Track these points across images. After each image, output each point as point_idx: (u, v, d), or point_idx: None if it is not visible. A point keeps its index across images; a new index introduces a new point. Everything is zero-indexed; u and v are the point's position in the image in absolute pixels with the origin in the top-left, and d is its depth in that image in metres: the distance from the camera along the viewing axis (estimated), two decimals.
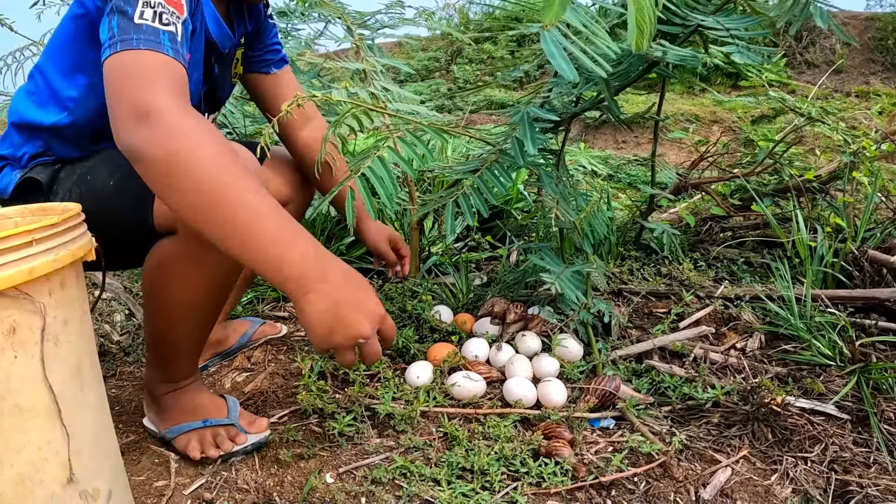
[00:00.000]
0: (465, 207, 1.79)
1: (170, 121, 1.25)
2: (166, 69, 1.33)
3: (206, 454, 1.68)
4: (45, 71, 1.65)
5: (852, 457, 1.65)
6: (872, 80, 8.43)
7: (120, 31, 1.33)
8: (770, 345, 2.14)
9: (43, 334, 1.07)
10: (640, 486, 1.56)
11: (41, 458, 1.08)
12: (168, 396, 1.77)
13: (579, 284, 2.00)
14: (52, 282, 1.08)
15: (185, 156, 1.24)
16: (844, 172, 2.87)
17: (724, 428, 1.77)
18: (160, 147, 1.24)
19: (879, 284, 2.32)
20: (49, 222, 1.07)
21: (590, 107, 1.98)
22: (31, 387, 1.06)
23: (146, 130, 1.24)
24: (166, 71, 1.33)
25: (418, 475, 1.56)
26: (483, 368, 1.97)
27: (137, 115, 1.25)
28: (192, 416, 1.75)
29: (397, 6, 2.64)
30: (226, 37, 1.76)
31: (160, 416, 1.78)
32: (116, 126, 1.28)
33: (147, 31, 1.33)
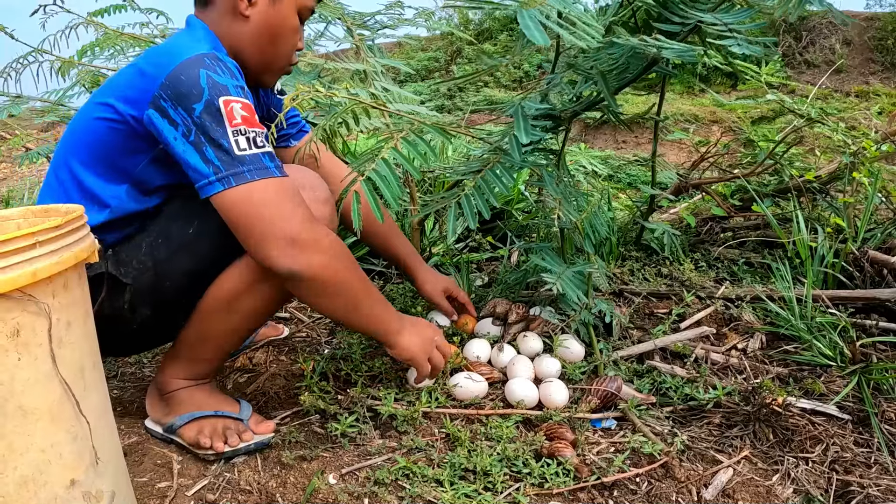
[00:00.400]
0: (467, 208, 1.79)
1: (319, 241, 1.56)
2: (285, 191, 1.55)
3: (214, 446, 1.69)
4: (76, 172, 1.68)
5: (853, 457, 1.66)
6: (872, 79, 8.44)
7: (225, 165, 1.50)
8: (771, 345, 2.15)
9: (50, 334, 1.07)
10: (641, 486, 1.57)
11: (45, 460, 1.09)
12: (184, 391, 1.79)
13: (580, 285, 2.00)
14: (56, 284, 1.08)
15: (337, 276, 1.60)
16: (845, 173, 2.87)
17: (725, 428, 1.77)
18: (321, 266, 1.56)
19: (880, 285, 2.32)
20: (52, 224, 1.07)
21: (589, 106, 1.98)
22: (34, 388, 1.06)
23: (302, 257, 1.54)
24: (286, 193, 1.55)
25: (421, 476, 1.57)
26: (485, 369, 1.97)
27: (288, 243, 1.52)
28: (205, 406, 1.78)
29: (397, 6, 2.64)
30: None
31: (169, 409, 1.80)
32: (270, 253, 1.53)
33: (252, 161, 1.52)
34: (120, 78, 1.67)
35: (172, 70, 1.52)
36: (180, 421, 1.75)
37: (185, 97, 1.49)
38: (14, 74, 2.68)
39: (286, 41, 1.78)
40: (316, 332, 2.47)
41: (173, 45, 1.61)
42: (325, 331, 2.47)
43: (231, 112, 1.51)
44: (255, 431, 1.75)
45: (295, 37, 1.79)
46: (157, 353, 2.35)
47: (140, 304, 1.67)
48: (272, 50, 1.77)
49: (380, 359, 2.02)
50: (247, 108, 1.54)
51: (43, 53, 2.68)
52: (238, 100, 1.53)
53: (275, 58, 1.79)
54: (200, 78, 1.50)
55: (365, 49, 2.44)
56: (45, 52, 2.68)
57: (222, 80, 1.53)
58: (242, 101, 1.54)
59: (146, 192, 1.68)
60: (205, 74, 1.51)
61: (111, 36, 2.73)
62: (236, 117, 1.51)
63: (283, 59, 1.80)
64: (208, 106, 1.50)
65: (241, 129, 1.52)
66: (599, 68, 1.88)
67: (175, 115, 1.51)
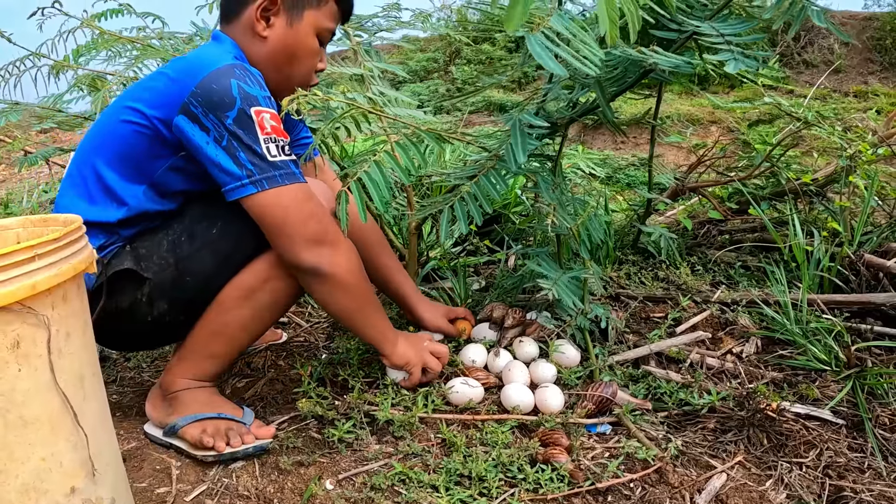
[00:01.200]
0: (461, 213, 1.80)
1: (341, 244, 1.73)
2: (310, 196, 1.69)
3: (216, 446, 1.71)
4: (98, 169, 1.76)
5: (847, 462, 1.67)
6: (871, 79, 8.44)
7: (258, 170, 1.62)
8: (766, 349, 2.16)
9: (49, 346, 1.08)
10: (635, 491, 1.58)
11: (45, 469, 1.10)
12: (187, 392, 1.82)
13: (576, 290, 2.01)
14: (55, 295, 1.10)
15: (352, 277, 1.75)
16: (841, 176, 2.87)
17: (719, 433, 1.79)
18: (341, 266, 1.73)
19: (876, 289, 2.33)
20: (51, 237, 1.08)
21: (584, 112, 1.99)
22: (35, 399, 1.08)
23: (326, 254, 1.70)
24: (311, 197, 1.69)
25: (417, 481, 1.58)
26: (481, 374, 1.98)
27: (316, 242, 1.68)
28: (208, 409, 1.81)
29: (394, 9, 2.65)
30: None
31: (172, 409, 1.82)
32: (297, 251, 1.69)
33: (282, 167, 1.65)
34: (148, 83, 1.75)
35: (204, 78, 1.61)
36: (183, 421, 1.77)
37: (218, 105, 1.59)
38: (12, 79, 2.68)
39: (304, 62, 1.86)
40: (314, 336, 2.48)
41: (203, 55, 1.70)
42: (322, 336, 2.49)
43: (262, 121, 1.62)
44: (257, 435, 1.77)
45: (314, 58, 1.87)
46: (155, 358, 2.36)
47: (158, 297, 1.74)
48: (289, 70, 1.85)
49: (377, 364, 2.03)
50: (275, 119, 1.65)
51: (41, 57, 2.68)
52: (267, 110, 1.64)
53: (292, 77, 1.85)
54: (232, 87, 1.60)
55: (362, 53, 2.44)
56: (42, 55, 2.68)
57: (253, 91, 1.62)
58: (271, 112, 1.65)
59: (164, 195, 1.76)
60: (236, 84, 1.60)
61: (108, 39, 2.74)
62: (266, 126, 1.63)
63: (301, 79, 1.86)
64: (241, 114, 1.60)
65: (272, 137, 1.63)
66: (596, 76, 1.89)
67: (206, 121, 1.60)
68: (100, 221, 1.74)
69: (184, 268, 1.73)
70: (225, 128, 1.60)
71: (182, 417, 1.78)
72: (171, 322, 1.79)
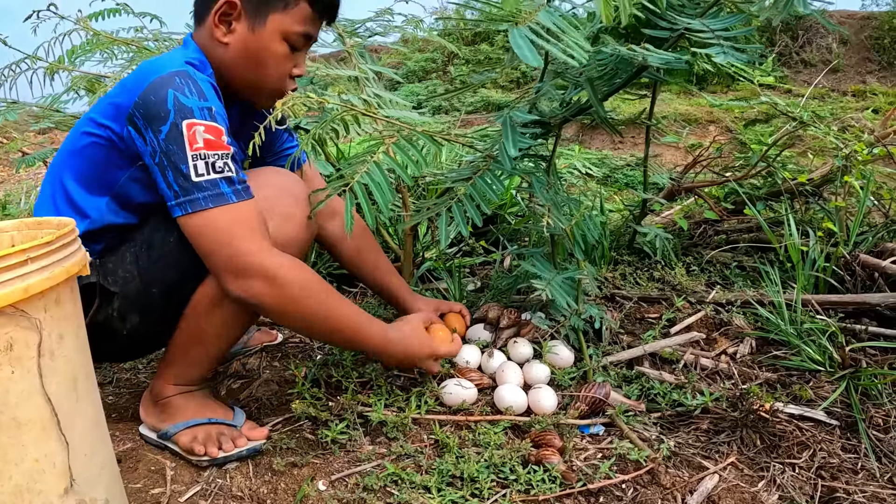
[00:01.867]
0: (459, 215, 1.80)
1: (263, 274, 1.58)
2: (238, 220, 1.58)
3: (208, 452, 1.71)
4: (64, 182, 1.74)
5: (840, 463, 1.67)
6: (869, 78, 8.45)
7: (183, 191, 1.55)
8: (760, 350, 2.16)
9: (39, 349, 1.09)
10: (627, 492, 1.58)
11: (39, 470, 1.10)
12: (178, 397, 1.82)
13: (570, 290, 2.01)
14: (48, 298, 1.10)
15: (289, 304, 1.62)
16: (837, 176, 2.88)
17: (712, 434, 1.79)
18: (265, 298, 1.60)
19: (871, 289, 2.33)
20: (44, 240, 1.09)
21: (578, 112, 1.99)
22: (28, 401, 1.08)
23: (248, 287, 1.58)
24: (239, 221, 1.58)
25: (409, 482, 1.59)
26: (474, 375, 1.98)
27: (236, 273, 1.58)
28: (198, 414, 1.81)
29: (386, 14, 2.66)
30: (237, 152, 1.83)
31: (164, 415, 1.82)
32: (223, 281, 1.60)
33: (207, 187, 1.55)
34: (110, 92, 1.71)
35: (145, 88, 1.56)
36: (174, 429, 1.77)
37: (154, 118, 1.54)
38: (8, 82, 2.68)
39: (272, 69, 1.77)
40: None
41: (155, 62, 1.64)
42: None
43: (193, 136, 1.54)
44: (249, 437, 1.77)
45: (284, 64, 1.78)
46: (151, 359, 2.36)
47: (128, 311, 1.71)
48: (255, 76, 1.78)
49: (370, 365, 2.04)
50: (211, 131, 1.56)
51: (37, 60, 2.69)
52: (202, 122, 1.55)
53: (261, 84, 1.80)
54: (168, 99, 1.54)
55: (356, 56, 2.45)
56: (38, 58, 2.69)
57: (188, 102, 1.55)
58: (206, 124, 1.56)
59: (125, 207, 1.72)
60: (172, 95, 1.54)
61: (102, 41, 2.74)
62: (198, 141, 1.54)
63: (273, 86, 1.80)
64: (172, 129, 1.53)
65: (202, 153, 1.54)
66: (588, 75, 1.90)
67: (146, 133, 1.56)
68: None
69: (148, 279, 1.70)
70: (158, 143, 1.54)
71: (173, 425, 1.78)
72: (147, 333, 1.78)
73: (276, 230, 1.71)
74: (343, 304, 1.73)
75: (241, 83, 1.79)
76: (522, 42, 1.35)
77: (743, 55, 1.56)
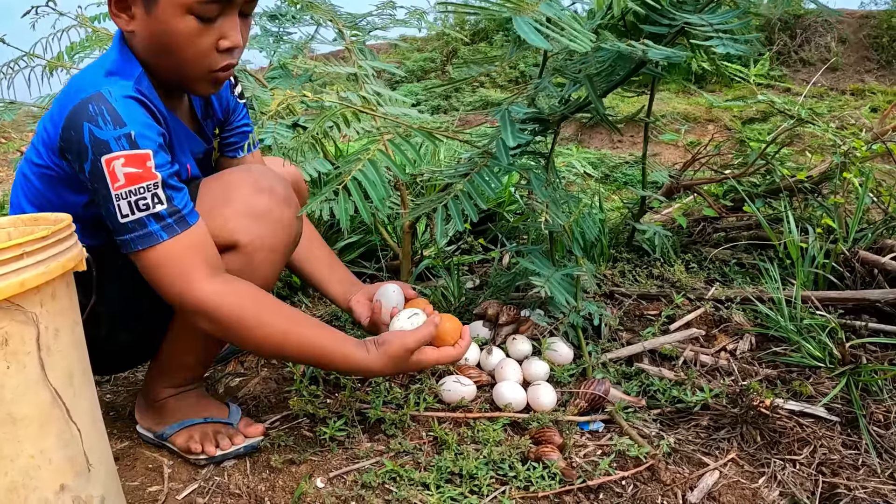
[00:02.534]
0: (455, 212, 1.80)
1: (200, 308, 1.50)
2: (165, 257, 1.49)
3: (205, 451, 1.71)
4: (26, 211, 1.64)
5: (841, 459, 1.66)
6: (867, 77, 8.45)
7: (116, 231, 1.47)
8: (760, 347, 2.15)
9: (38, 343, 1.08)
10: (627, 489, 1.58)
11: (34, 466, 1.10)
12: (171, 399, 1.81)
13: (569, 287, 2.01)
14: (44, 293, 1.10)
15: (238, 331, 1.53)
16: (836, 173, 2.87)
17: (712, 431, 1.78)
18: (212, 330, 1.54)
19: (871, 285, 2.33)
20: (40, 235, 1.08)
21: (577, 109, 1.99)
22: (23, 396, 1.08)
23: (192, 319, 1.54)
24: (166, 260, 1.49)
25: (407, 479, 1.58)
26: (473, 372, 1.98)
27: (182, 307, 1.52)
28: (194, 414, 1.80)
29: (389, 7, 2.65)
30: (196, 144, 1.78)
31: (159, 417, 1.81)
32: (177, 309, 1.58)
33: (134, 227, 1.46)
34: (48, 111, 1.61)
35: (64, 121, 1.46)
36: (170, 430, 1.77)
37: (77, 156, 1.45)
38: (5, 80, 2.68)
39: (185, 48, 1.53)
40: None
41: (77, 80, 1.55)
42: None
43: (113, 173, 1.43)
44: (246, 434, 1.76)
45: (199, 40, 1.53)
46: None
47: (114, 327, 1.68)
48: (172, 60, 1.56)
49: None
50: (132, 161, 1.44)
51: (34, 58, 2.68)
52: (119, 155, 1.43)
53: (182, 67, 1.58)
54: (84, 134, 1.42)
55: (357, 52, 2.44)
56: (36, 56, 2.68)
57: (103, 135, 1.42)
58: (125, 155, 1.43)
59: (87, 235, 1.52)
60: (87, 129, 1.42)
61: (102, 37, 2.74)
62: (119, 178, 1.43)
63: (195, 66, 1.58)
64: (93, 167, 1.43)
65: (123, 192, 1.43)
66: (587, 72, 1.89)
67: (76, 168, 1.48)
68: None
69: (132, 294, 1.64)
70: (87, 179, 1.45)
71: (169, 426, 1.78)
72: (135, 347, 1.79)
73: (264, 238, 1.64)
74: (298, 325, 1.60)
75: (164, 73, 1.61)
76: (527, 28, 1.34)
77: (742, 46, 1.56)
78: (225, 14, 1.53)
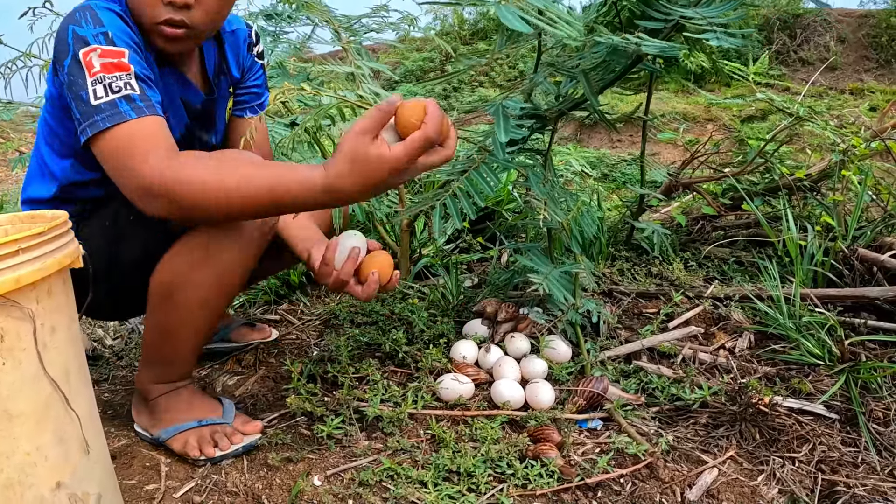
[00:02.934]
0: (453, 209, 1.79)
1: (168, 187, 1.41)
2: (136, 135, 1.46)
3: (204, 453, 1.70)
4: (40, 149, 1.78)
5: (840, 457, 1.66)
6: (866, 76, 8.46)
7: (84, 116, 1.47)
8: (759, 344, 2.15)
9: (36, 338, 1.08)
10: (626, 487, 1.57)
11: (30, 463, 1.10)
12: (162, 398, 1.79)
13: (567, 285, 2.00)
14: (40, 289, 1.09)
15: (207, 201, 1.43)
16: (835, 171, 2.87)
17: (711, 428, 1.78)
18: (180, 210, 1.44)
19: (870, 283, 2.33)
20: (35, 231, 1.08)
21: (574, 105, 1.98)
22: (19, 393, 1.07)
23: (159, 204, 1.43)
24: (138, 136, 1.46)
25: (405, 477, 1.58)
26: (471, 370, 1.98)
27: (143, 193, 1.44)
28: (187, 416, 1.78)
29: (382, 10, 2.65)
30: (193, 94, 1.80)
31: (153, 418, 1.80)
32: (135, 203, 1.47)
33: (106, 108, 1.46)
34: None
35: (56, 33, 1.54)
36: (166, 434, 1.76)
37: (60, 57, 1.51)
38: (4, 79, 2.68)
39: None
40: (306, 334, 2.48)
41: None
42: (314, 333, 2.48)
43: (89, 62, 1.48)
44: (244, 432, 1.76)
45: None
46: None
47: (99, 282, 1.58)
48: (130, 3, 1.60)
49: (367, 360, 2.03)
50: (108, 54, 1.49)
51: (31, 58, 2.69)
52: (96, 47, 1.49)
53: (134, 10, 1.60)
54: (68, 34, 1.50)
55: (353, 52, 2.44)
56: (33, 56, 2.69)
57: (83, 32, 1.49)
58: (102, 48, 1.49)
59: (87, 166, 1.70)
60: (71, 30, 1.50)
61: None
62: (95, 65, 1.48)
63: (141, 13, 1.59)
64: (72, 61, 1.49)
65: (99, 76, 1.47)
66: (582, 67, 1.89)
67: (60, 74, 1.53)
68: (37, 198, 1.76)
69: (112, 254, 1.68)
70: (65, 78, 1.50)
71: (164, 430, 1.77)
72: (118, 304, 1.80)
73: None
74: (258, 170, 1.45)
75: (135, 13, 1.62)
76: (510, 15, 1.35)
77: (736, 40, 1.55)
78: None
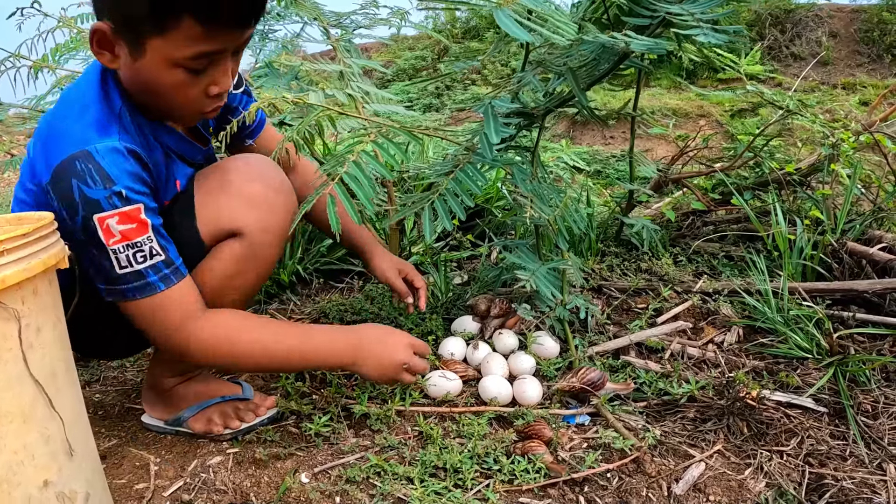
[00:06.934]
0: (442, 211, 1.79)
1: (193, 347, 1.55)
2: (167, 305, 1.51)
3: (228, 426, 1.77)
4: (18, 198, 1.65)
5: (828, 450, 1.67)
6: (858, 71, 8.48)
7: (108, 282, 1.47)
8: (748, 338, 2.16)
9: (21, 337, 1.08)
10: (612, 481, 1.58)
11: (17, 462, 1.10)
12: (179, 387, 1.84)
13: (555, 281, 2.01)
14: (25, 290, 1.10)
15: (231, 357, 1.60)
16: (824, 165, 2.88)
17: (699, 423, 1.79)
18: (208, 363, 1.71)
19: (859, 276, 2.33)
20: (20, 232, 1.08)
21: (561, 102, 1.99)
22: (5, 392, 1.08)
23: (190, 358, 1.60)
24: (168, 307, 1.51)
25: (392, 474, 1.58)
26: (459, 367, 1.98)
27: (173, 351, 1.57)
28: (209, 395, 1.84)
29: (372, 6, 2.64)
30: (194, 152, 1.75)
31: (172, 405, 1.84)
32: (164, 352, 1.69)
33: (132, 279, 1.46)
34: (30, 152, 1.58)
35: (52, 173, 1.41)
36: (189, 412, 1.82)
37: (67, 208, 1.40)
38: None
39: (173, 97, 1.51)
40: None
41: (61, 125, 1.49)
42: None
43: (107, 230, 1.41)
44: (266, 406, 1.84)
45: (188, 89, 1.50)
46: (139, 357, 2.35)
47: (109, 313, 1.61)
48: (159, 104, 1.55)
49: None
50: (125, 218, 1.42)
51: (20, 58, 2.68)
52: (113, 213, 1.41)
53: (170, 110, 1.59)
54: (74, 191, 1.39)
55: (342, 50, 2.44)
56: (22, 56, 2.68)
57: (93, 194, 1.39)
58: (118, 213, 1.41)
59: None
60: (76, 187, 1.39)
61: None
62: (114, 234, 1.41)
63: (183, 111, 1.58)
64: (85, 223, 1.40)
65: (120, 246, 1.42)
66: (570, 65, 1.89)
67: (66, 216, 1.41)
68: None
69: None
70: (76, 228, 1.41)
71: (187, 408, 1.82)
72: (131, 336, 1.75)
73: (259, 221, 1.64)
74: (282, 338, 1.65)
75: (154, 108, 1.58)
76: (509, 20, 1.35)
77: (724, 36, 1.56)
78: (213, 67, 1.49)
